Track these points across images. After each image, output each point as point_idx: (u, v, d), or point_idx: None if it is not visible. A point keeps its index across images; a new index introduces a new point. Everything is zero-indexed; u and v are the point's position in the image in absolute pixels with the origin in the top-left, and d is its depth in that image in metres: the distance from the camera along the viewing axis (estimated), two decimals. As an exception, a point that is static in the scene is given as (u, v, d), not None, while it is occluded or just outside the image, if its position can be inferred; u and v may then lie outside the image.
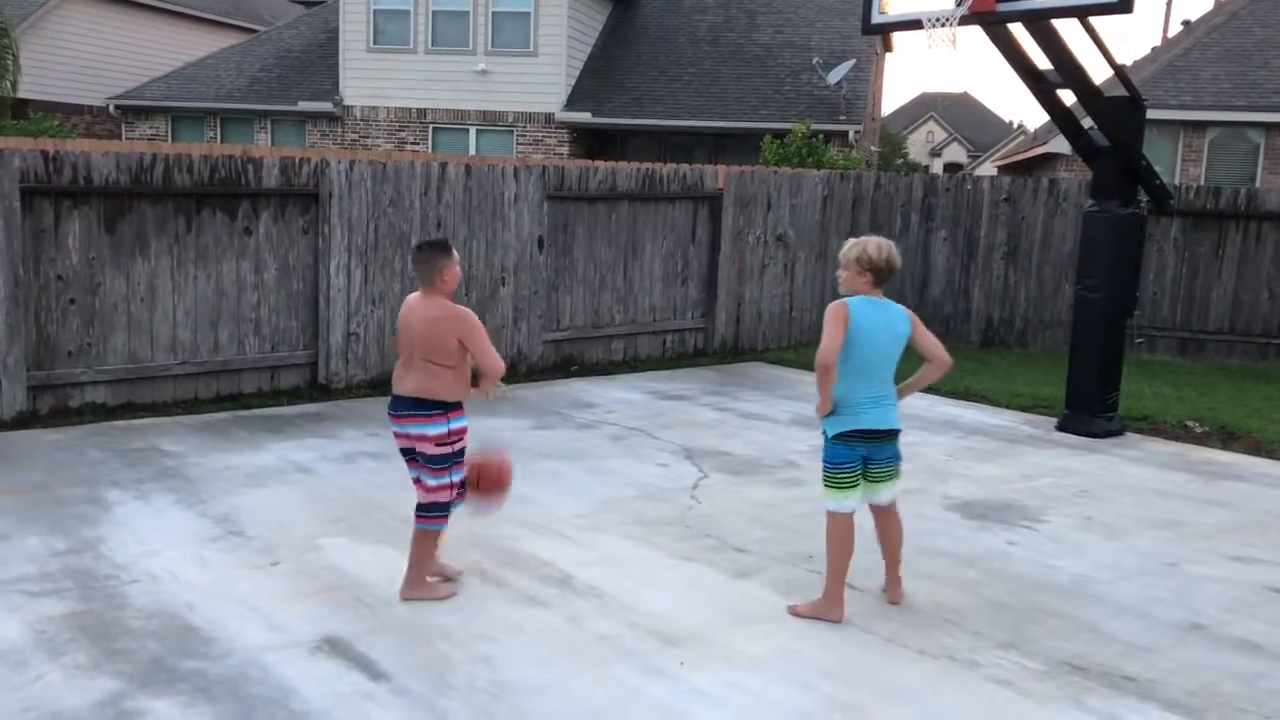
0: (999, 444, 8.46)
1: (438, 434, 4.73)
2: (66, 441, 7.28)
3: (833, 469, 4.85)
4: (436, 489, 4.81)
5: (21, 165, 7.49)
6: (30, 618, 4.49)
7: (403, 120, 20.55)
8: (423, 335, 4.72)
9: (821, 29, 21.00)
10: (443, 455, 4.77)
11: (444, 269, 4.75)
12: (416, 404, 4.74)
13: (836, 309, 4.74)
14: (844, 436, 4.81)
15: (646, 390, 9.94)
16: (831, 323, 4.72)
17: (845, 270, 4.89)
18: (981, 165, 51.69)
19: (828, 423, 4.84)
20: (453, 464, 4.80)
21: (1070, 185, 12.87)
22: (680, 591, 5.12)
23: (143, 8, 25.01)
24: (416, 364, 4.76)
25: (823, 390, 4.76)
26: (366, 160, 9.28)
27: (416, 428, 4.75)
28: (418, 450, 4.80)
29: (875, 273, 4.82)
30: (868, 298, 4.83)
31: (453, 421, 4.76)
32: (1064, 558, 5.86)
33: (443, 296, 4.78)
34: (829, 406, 4.79)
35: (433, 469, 4.79)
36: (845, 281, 4.90)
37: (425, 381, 4.73)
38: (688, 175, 11.50)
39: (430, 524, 4.84)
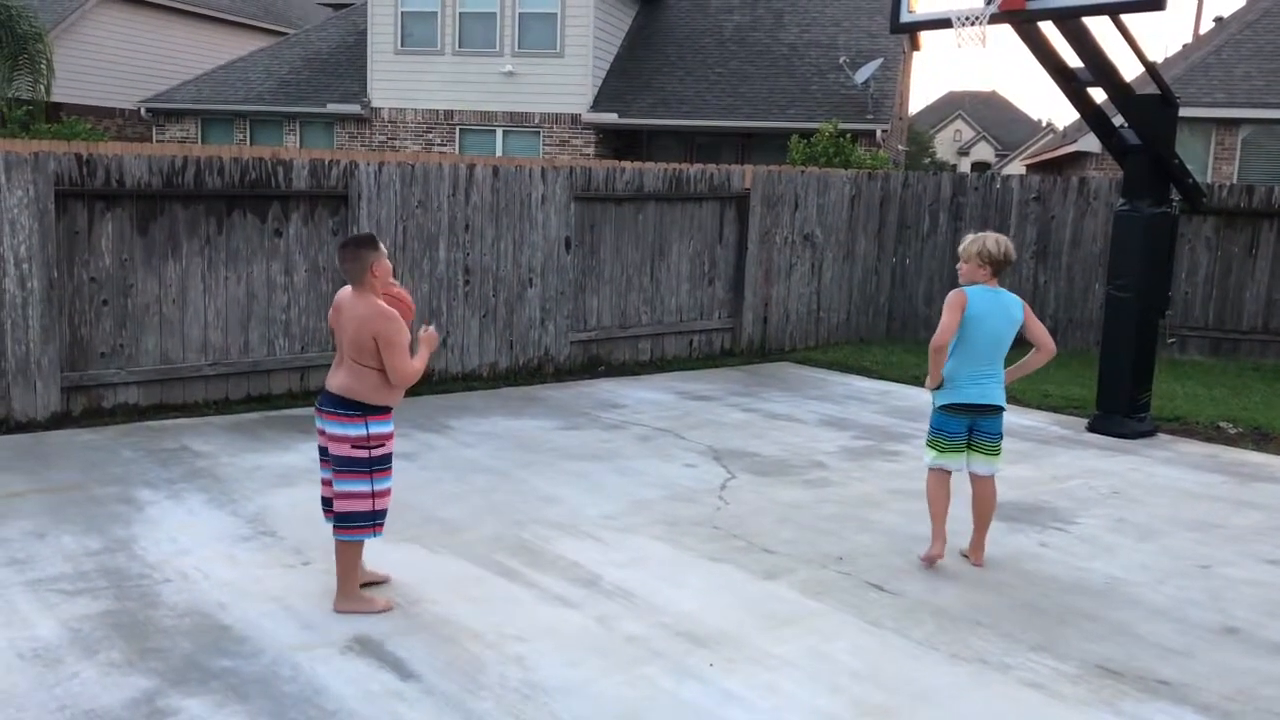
0: (1029, 445, 8.39)
1: (355, 435, 4.54)
2: (100, 441, 7.36)
3: (936, 433, 5.53)
4: (353, 496, 4.58)
5: (56, 168, 7.57)
6: (65, 616, 4.54)
7: (430, 122, 20.63)
8: (351, 334, 4.54)
9: (849, 28, 20.93)
10: (358, 459, 4.55)
11: (373, 264, 4.55)
12: (338, 402, 4.56)
13: (956, 297, 5.34)
14: (949, 408, 5.48)
15: (674, 391, 9.94)
16: (950, 309, 5.33)
17: (967, 264, 5.43)
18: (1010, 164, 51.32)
19: (937, 395, 5.51)
20: (374, 470, 4.59)
21: (1101, 184, 12.75)
22: (709, 592, 5.11)
23: (173, 11, 25.25)
24: (344, 361, 4.60)
25: (934, 369, 5.40)
26: (395, 162, 9.33)
27: (335, 426, 4.57)
28: (331, 451, 4.62)
29: (994, 265, 5.39)
30: (986, 287, 5.40)
31: (372, 425, 4.56)
32: (1096, 559, 5.81)
33: (373, 293, 4.58)
34: (938, 381, 5.44)
35: (346, 472, 4.57)
36: (966, 274, 5.45)
37: (349, 381, 4.56)
38: (715, 175, 11.48)
39: (350, 535, 4.63)
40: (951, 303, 5.33)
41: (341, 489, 4.59)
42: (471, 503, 6.36)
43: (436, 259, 9.53)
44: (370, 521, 4.63)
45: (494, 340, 10.00)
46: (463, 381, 9.78)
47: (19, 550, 5.27)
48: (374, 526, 4.65)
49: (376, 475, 4.60)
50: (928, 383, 5.51)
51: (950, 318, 5.30)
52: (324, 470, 4.77)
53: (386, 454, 4.62)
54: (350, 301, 4.61)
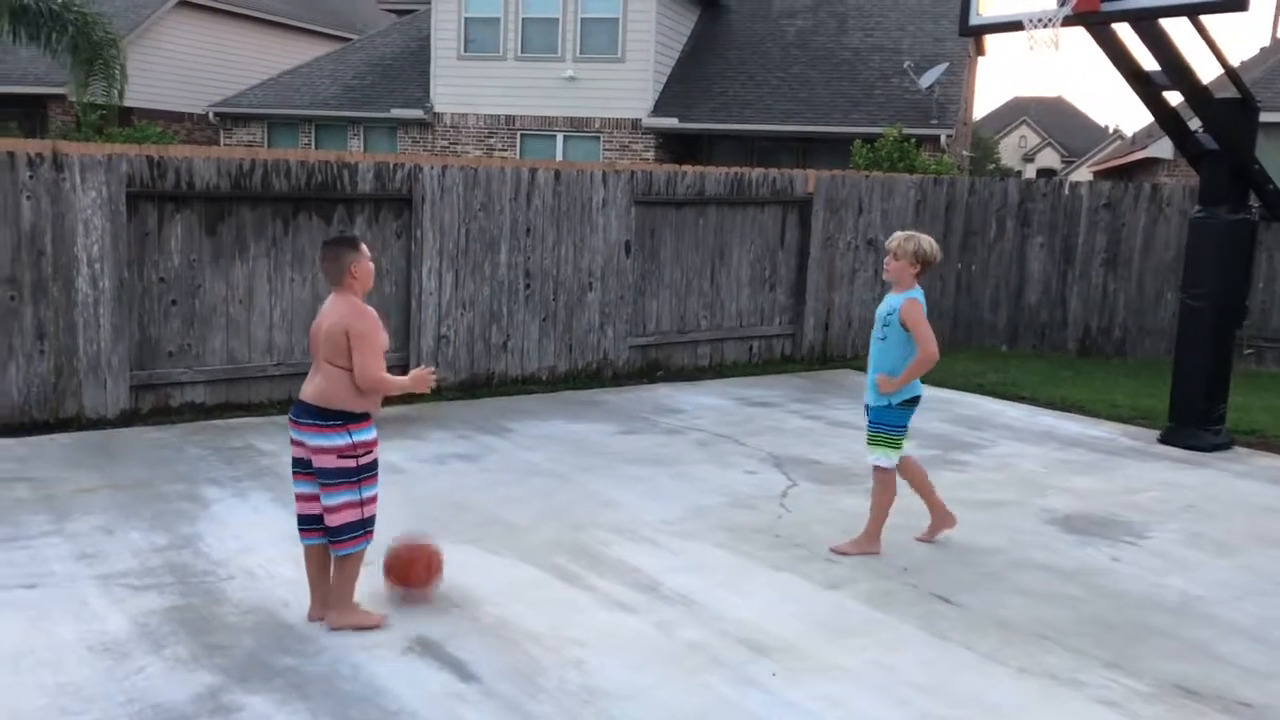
0: (1099, 456, 8.20)
1: (340, 445, 4.30)
2: (167, 439, 7.47)
3: (898, 431, 5.62)
4: (343, 508, 4.36)
5: (128, 170, 7.71)
6: (133, 610, 4.60)
7: (492, 127, 20.76)
8: (327, 331, 4.32)
9: (913, 32, 20.70)
10: (345, 469, 4.33)
11: (353, 264, 4.37)
12: (315, 412, 4.31)
13: (917, 308, 5.47)
14: (908, 403, 5.60)
15: (733, 396, 9.86)
16: (924, 321, 5.45)
17: (899, 260, 5.51)
18: (1076, 171, 50.46)
19: (894, 396, 5.55)
20: (361, 479, 4.38)
21: (1174, 190, 12.46)
22: (771, 601, 5.04)
23: (242, 18, 25.69)
24: (321, 366, 4.37)
25: (916, 377, 5.52)
26: (458, 165, 9.37)
27: (316, 438, 4.31)
28: (315, 464, 4.35)
29: (925, 265, 5.54)
30: (918, 288, 5.55)
31: (355, 434, 4.34)
32: (1171, 575, 5.64)
33: (354, 296, 4.39)
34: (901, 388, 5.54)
35: (333, 485, 4.33)
36: (897, 270, 5.53)
37: (325, 386, 4.32)
38: (777, 180, 11.39)
39: (349, 547, 4.42)
40: (922, 315, 5.47)
41: (330, 502, 4.36)
42: (531, 505, 6.35)
43: (498, 262, 9.56)
44: (362, 530, 4.44)
45: (553, 344, 10.01)
46: (521, 384, 9.80)
47: (89, 545, 5.35)
48: (366, 534, 4.46)
49: (365, 483, 4.40)
50: (889, 387, 5.52)
51: (928, 328, 5.48)
52: (297, 484, 4.48)
53: (373, 460, 4.42)
54: (329, 305, 4.43)
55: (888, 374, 5.54)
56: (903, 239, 5.56)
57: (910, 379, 5.51)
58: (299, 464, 4.45)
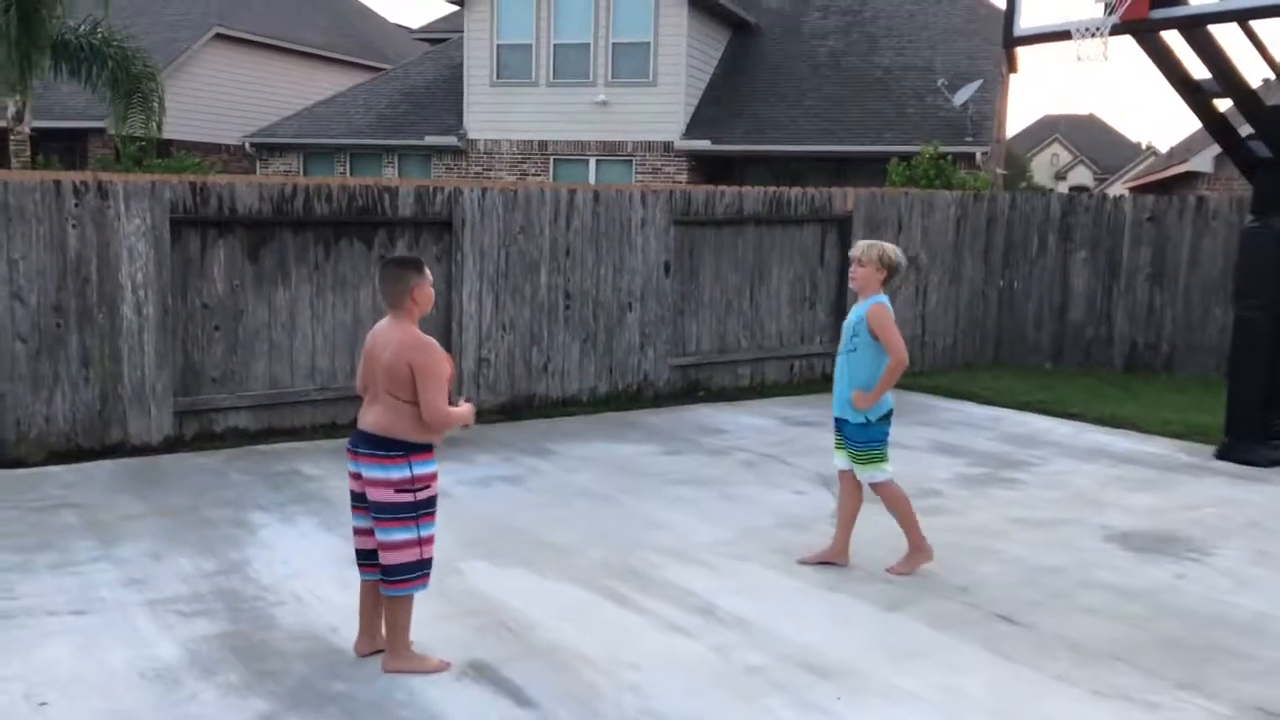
0: (1155, 473, 8.01)
1: (399, 478, 4.10)
2: (211, 465, 7.45)
3: (882, 445, 5.51)
4: (401, 546, 4.14)
5: (171, 197, 7.74)
6: (184, 637, 4.54)
7: (525, 152, 20.81)
8: (387, 364, 4.12)
9: (945, 50, 20.59)
10: (402, 504, 4.12)
11: (415, 287, 4.20)
12: (376, 442, 4.13)
13: (885, 313, 5.35)
14: (885, 417, 5.50)
15: (776, 416, 9.74)
16: (893, 326, 5.34)
17: (864, 267, 5.41)
18: (1110, 187, 50.04)
19: (871, 411, 5.42)
20: (419, 515, 4.16)
21: (1220, 203, 12.24)
22: (829, 623, 4.92)
23: (277, 50, 25.98)
24: (380, 397, 4.16)
25: (891, 385, 5.36)
26: (498, 188, 9.36)
27: (374, 470, 4.12)
28: (370, 497, 4.16)
29: (891, 271, 5.44)
30: (883, 295, 5.46)
31: (416, 466, 4.13)
32: (1240, 593, 5.47)
33: (412, 322, 4.21)
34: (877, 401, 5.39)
35: (388, 520, 4.13)
36: (864, 278, 5.42)
37: (387, 417, 4.12)
38: (816, 198, 11.31)
39: (403, 589, 4.18)
40: (887, 319, 5.35)
41: (386, 539, 4.15)
42: (579, 527, 6.26)
43: (538, 284, 9.52)
44: (419, 572, 4.19)
45: (594, 365, 9.94)
46: (562, 406, 9.73)
47: (137, 571, 5.32)
48: (422, 577, 4.21)
49: (423, 520, 4.17)
50: (864, 403, 5.39)
51: (897, 334, 5.36)
52: (356, 518, 4.32)
53: (432, 496, 4.21)
54: (385, 330, 4.23)
55: (862, 388, 5.40)
56: (866, 246, 5.50)
57: (885, 388, 5.37)
58: (357, 497, 4.27)
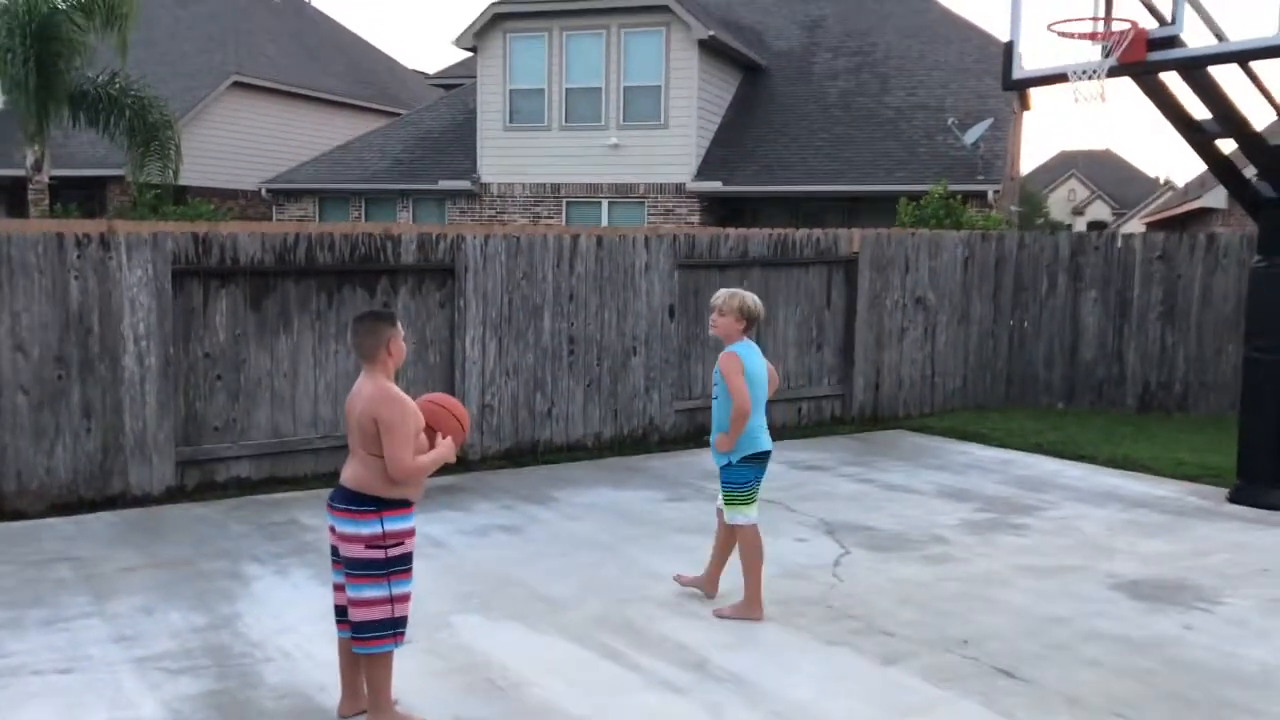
0: (1166, 517, 7.88)
1: (369, 534, 4.02)
2: (211, 515, 7.43)
3: (744, 488, 5.57)
4: (371, 603, 4.05)
5: (173, 247, 7.78)
6: (168, 696, 4.49)
7: (538, 195, 20.93)
8: (358, 418, 4.08)
9: (956, 90, 20.63)
10: (373, 560, 4.04)
11: (389, 340, 4.14)
12: (349, 497, 4.08)
13: (734, 361, 5.48)
14: (751, 459, 5.56)
15: (782, 460, 9.63)
16: (737, 374, 5.45)
17: (724, 317, 5.56)
18: (1128, 223, 49.91)
19: (734, 454, 5.53)
20: (391, 572, 4.07)
21: (1230, 240, 12.15)
22: (826, 679, 4.82)
23: (293, 96, 26.30)
24: (355, 451, 4.13)
25: (737, 433, 5.46)
26: (501, 234, 9.37)
27: (346, 525, 4.06)
28: (342, 552, 4.11)
29: (750, 320, 5.59)
30: (746, 343, 5.59)
31: (389, 522, 4.05)
32: (1249, 645, 5.34)
33: (386, 375, 4.15)
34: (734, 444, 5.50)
35: (359, 576, 4.05)
36: (724, 327, 5.57)
37: (361, 472, 4.08)
38: (821, 240, 11.28)
39: (371, 647, 4.09)
40: (734, 367, 5.47)
41: (356, 595, 4.08)
42: (576, 579, 6.19)
43: (541, 329, 9.51)
44: (391, 630, 4.11)
45: (598, 410, 9.90)
46: (567, 452, 9.68)
47: (127, 626, 5.27)
48: (394, 635, 4.13)
49: (395, 578, 4.09)
50: (724, 446, 5.52)
51: (741, 380, 5.45)
52: (335, 573, 4.25)
53: (406, 554, 4.12)
54: (359, 384, 4.18)
55: (724, 431, 5.55)
56: (727, 296, 5.63)
57: (737, 432, 5.47)
58: (335, 551, 4.21)
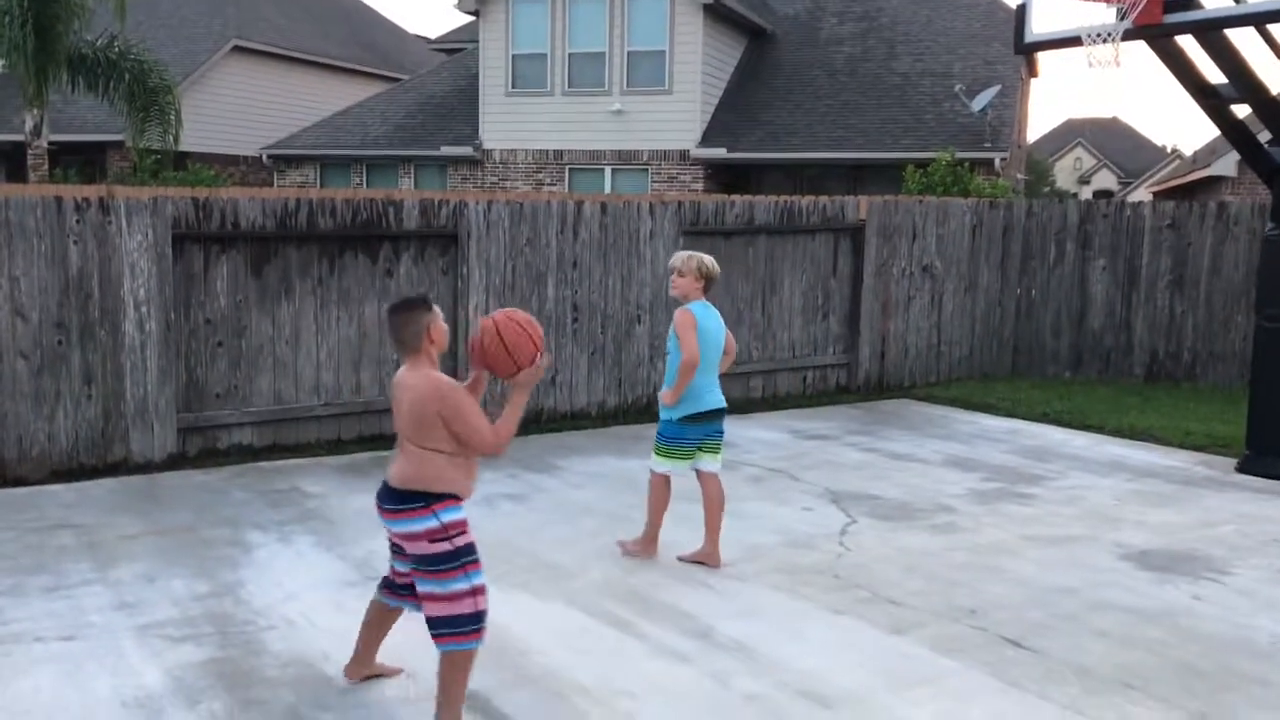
0: (1174, 487, 7.83)
1: (426, 529, 3.83)
2: (213, 483, 7.39)
3: (675, 443, 5.79)
4: (454, 597, 3.85)
5: (174, 212, 7.69)
6: (170, 663, 4.46)
7: (540, 162, 20.78)
8: (408, 412, 3.87)
9: (964, 55, 20.41)
10: (442, 553, 3.84)
11: (429, 326, 3.92)
12: (398, 496, 3.87)
13: (687, 316, 5.64)
14: (690, 419, 5.72)
15: (787, 429, 9.61)
16: (688, 329, 5.61)
17: (684, 278, 5.74)
18: (1134, 192, 49.61)
19: (675, 411, 5.71)
20: (464, 563, 3.86)
21: (1241, 209, 12.03)
22: (832, 648, 4.79)
23: (294, 61, 26.07)
24: (405, 447, 3.92)
25: (681, 387, 5.63)
26: (504, 200, 9.28)
27: (401, 525, 3.88)
28: (409, 551, 3.93)
29: (708, 280, 5.77)
30: (703, 303, 5.75)
31: (443, 514, 3.84)
32: (1259, 616, 5.30)
33: (431, 364, 3.95)
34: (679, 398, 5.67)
35: (435, 571, 3.85)
36: (684, 287, 5.75)
37: (411, 467, 3.88)
38: (828, 207, 11.17)
39: (460, 643, 3.86)
40: (686, 323, 5.62)
41: (439, 590, 3.86)
42: (581, 547, 6.15)
43: (545, 296, 9.43)
44: (475, 625, 3.88)
45: (602, 378, 9.84)
46: (570, 420, 9.63)
47: (129, 594, 5.24)
48: (479, 631, 3.89)
49: (470, 568, 3.87)
50: (667, 399, 5.71)
51: (692, 336, 5.60)
52: (397, 563, 4.10)
53: (471, 543, 3.91)
54: (405, 376, 3.95)
55: (669, 388, 5.73)
56: (685, 257, 5.80)
57: (681, 386, 5.63)
58: (396, 547, 4.04)
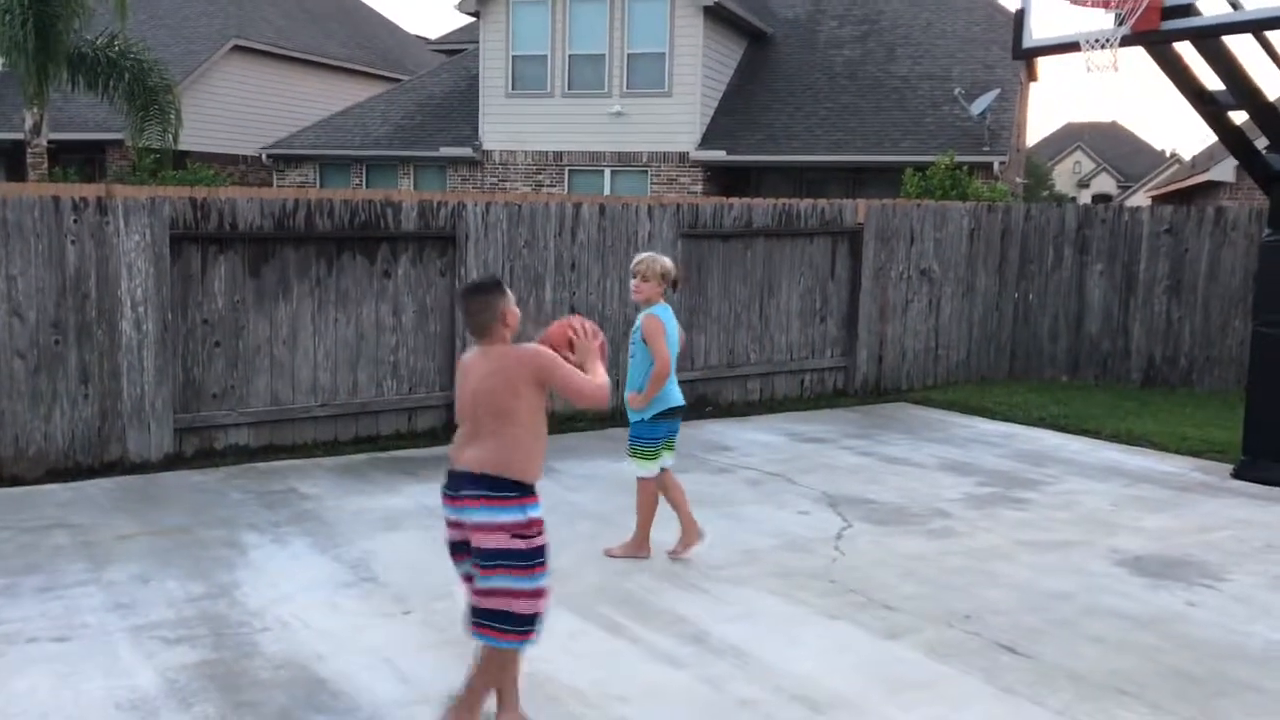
0: (1169, 492, 7.83)
1: (512, 521, 3.63)
2: (209, 483, 7.39)
3: (650, 443, 5.89)
4: (514, 594, 3.65)
5: (171, 212, 7.70)
6: (163, 665, 4.46)
7: (540, 163, 20.79)
8: (492, 390, 3.72)
9: (963, 59, 20.43)
10: (515, 550, 3.63)
11: (505, 310, 3.79)
12: (488, 483, 3.65)
13: (656, 323, 5.74)
14: (660, 416, 5.84)
15: (784, 432, 9.61)
16: (658, 336, 5.71)
17: (648, 282, 5.79)
18: (1133, 196, 49.65)
19: (645, 411, 5.81)
20: (535, 564, 3.69)
21: (1239, 214, 12.03)
22: (826, 652, 4.79)
23: (294, 61, 26.09)
24: (484, 432, 3.72)
25: (656, 392, 5.75)
26: (502, 202, 9.28)
27: (481, 514, 3.64)
28: (476, 544, 3.68)
29: (670, 284, 5.86)
30: (664, 305, 5.84)
31: (529, 509, 3.68)
32: (1254, 622, 5.30)
33: (505, 344, 3.82)
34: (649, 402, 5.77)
35: (498, 567, 3.63)
36: (647, 291, 5.80)
37: (497, 452, 3.68)
38: (826, 210, 11.18)
39: (505, 640, 3.69)
40: (656, 330, 5.73)
41: (497, 585, 3.64)
42: (576, 550, 6.15)
43: (543, 298, 9.43)
44: (531, 625, 3.72)
45: (601, 380, 9.82)
46: (567, 421, 9.61)
47: (124, 595, 5.24)
48: (532, 631, 3.74)
49: (538, 570, 3.69)
50: (639, 404, 5.82)
51: (663, 343, 5.72)
52: (461, 565, 3.84)
53: (545, 544, 3.74)
54: (479, 360, 3.81)
55: (637, 390, 5.80)
56: (649, 260, 5.85)
57: (654, 392, 5.73)
58: (456, 547, 3.81)
